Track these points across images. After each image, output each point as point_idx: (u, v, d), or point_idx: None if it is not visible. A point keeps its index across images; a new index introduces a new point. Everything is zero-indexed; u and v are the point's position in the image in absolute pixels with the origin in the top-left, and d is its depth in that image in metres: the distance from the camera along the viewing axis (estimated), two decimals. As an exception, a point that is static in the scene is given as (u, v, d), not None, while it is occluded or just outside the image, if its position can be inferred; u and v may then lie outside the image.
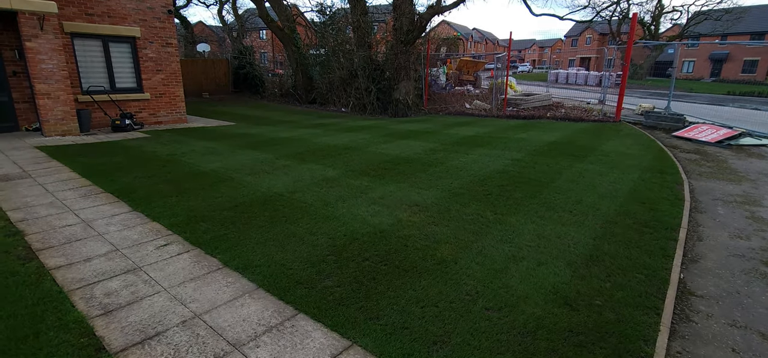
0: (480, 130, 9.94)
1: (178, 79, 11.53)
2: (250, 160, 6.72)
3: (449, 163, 6.53)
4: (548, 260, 3.30)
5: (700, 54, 49.82)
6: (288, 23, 19.15)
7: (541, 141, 8.34)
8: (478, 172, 5.93)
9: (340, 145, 8.03)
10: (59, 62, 8.48)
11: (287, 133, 9.77)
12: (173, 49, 11.27)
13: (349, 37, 17.20)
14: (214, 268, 3.18)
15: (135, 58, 10.64)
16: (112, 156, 6.87)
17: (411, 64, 13.99)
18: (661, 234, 3.83)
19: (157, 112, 11.24)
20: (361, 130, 10.26)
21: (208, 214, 4.26)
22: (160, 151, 7.38)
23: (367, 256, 3.37)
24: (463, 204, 4.60)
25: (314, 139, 8.78)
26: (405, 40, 13.33)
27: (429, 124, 11.51)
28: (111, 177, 5.57)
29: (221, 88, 22.27)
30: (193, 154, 7.15)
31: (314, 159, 6.81)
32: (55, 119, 8.62)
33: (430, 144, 8.18)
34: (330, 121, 12.57)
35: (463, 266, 3.20)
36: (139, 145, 7.98)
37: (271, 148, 7.71)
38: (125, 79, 10.66)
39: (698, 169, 6.33)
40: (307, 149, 7.66)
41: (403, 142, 8.47)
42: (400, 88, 13.91)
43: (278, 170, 6.04)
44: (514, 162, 6.56)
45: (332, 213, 4.31)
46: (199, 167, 6.17)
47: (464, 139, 8.74)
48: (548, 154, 7.10)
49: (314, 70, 19.67)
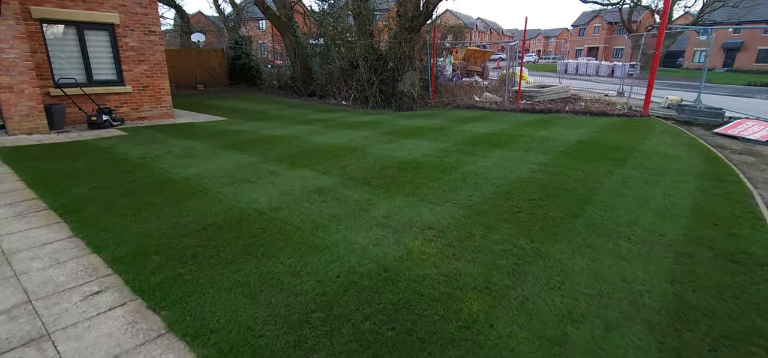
0: (495, 127, 8.96)
1: (164, 71, 10.57)
2: (232, 164, 5.79)
3: (465, 168, 5.57)
4: (619, 320, 2.37)
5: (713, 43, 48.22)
6: (285, 11, 18.11)
7: (567, 140, 7.35)
8: (501, 181, 4.98)
9: (339, 146, 7.09)
10: (23, 51, 7.54)
11: (280, 131, 8.82)
12: (157, 38, 10.30)
13: (350, 25, 16.16)
14: (153, 334, 2.27)
15: (114, 48, 9.69)
16: (73, 160, 5.96)
17: (416, 53, 12.96)
18: (759, 275, 2.89)
19: (141, 107, 10.30)
20: (363, 127, 9.30)
21: (165, 241, 3.34)
22: (131, 152, 6.46)
23: (367, 313, 2.45)
24: (489, 227, 3.66)
25: (310, 138, 7.83)
26: (410, 26, 12.29)
27: (437, 119, 10.53)
28: (62, 188, 4.66)
29: (216, 80, 21.29)
30: (168, 156, 6.22)
31: (307, 163, 5.87)
32: (20, 116, 7.71)
33: (440, 144, 7.22)
34: (329, 116, 11.61)
35: (503, 332, 2.27)
36: (111, 145, 7.06)
37: (259, 150, 6.78)
38: (104, 71, 9.72)
39: (762, 176, 5.34)
40: (300, 151, 6.72)
41: (410, 141, 7.51)
42: (405, 79, 12.90)
43: (263, 178, 5.11)
44: (542, 167, 5.59)
45: (324, 241, 3.39)
46: (171, 174, 5.25)
47: (478, 137, 7.76)
48: (580, 157, 6.12)
49: (313, 61, 18.65)
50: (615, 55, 61.95)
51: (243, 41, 21.92)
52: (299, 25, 19.44)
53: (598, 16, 61.03)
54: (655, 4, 36.05)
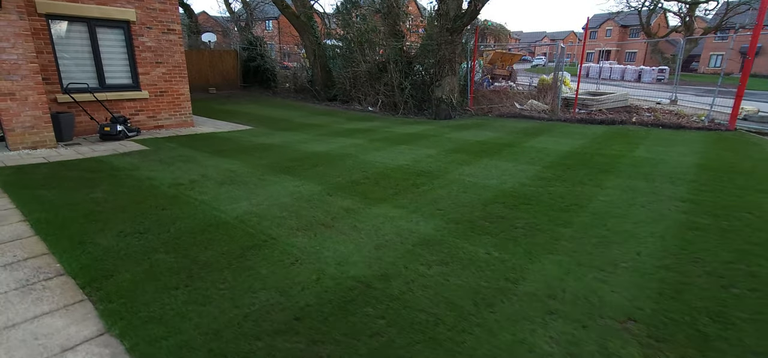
0: (571, 143, 7.76)
1: (183, 74, 9.43)
2: (288, 195, 4.63)
3: (589, 206, 4.36)
4: None
5: (729, 47, 47.27)
6: (304, 10, 16.98)
7: (682, 163, 6.05)
8: (664, 233, 3.82)
9: (407, 169, 5.93)
10: (27, 51, 6.39)
11: (322, 145, 7.66)
12: (177, 37, 9.16)
13: (377, 25, 15.04)
14: None
15: (130, 48, 8.55)
16: (90, 187, 4.80)
17: (457, 56, 11.82)
18: None
19: (158, 115, 9.16)
20: (416, 141, 8.14)
21: (246, 348, 2.18)
22: (159, 177, 5.29)
23: None
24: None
25: (364, 157, 6.66)
26: (452, 27, 11.15)
27: (490, 130, 9.38)
28: (81, 235, 3.50)
29: (229, 83, 20.15)
30: (205, 183, 5.06)
31: (384, 196, 4.71)
32: (23, 127, 6.55)
33: (525, 166, 6.06)
34: (365, 125, 10.45)
35: None
36: (132, 166, 5.90)
37: (312, 173, 5.62)
38: (118, 74, 8.58)
39: None
40: (363, 175, 5.56)
41: (487, 161, 6.35)
42: (444, 84, 11.76)
43: (339, 220, 3.95)
44: (693, 206, 4.43)
45: (487, 345, 2.23)
46: (218, 212, 4.09)
47: (566, 158, 6.57)
48: (729, 191, 4.97)
49: (334, 63, 17.52)
50: (627, 58, 60.97)
51: (257, 42, 20.77)
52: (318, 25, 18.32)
53: (610, 19, 59.92)
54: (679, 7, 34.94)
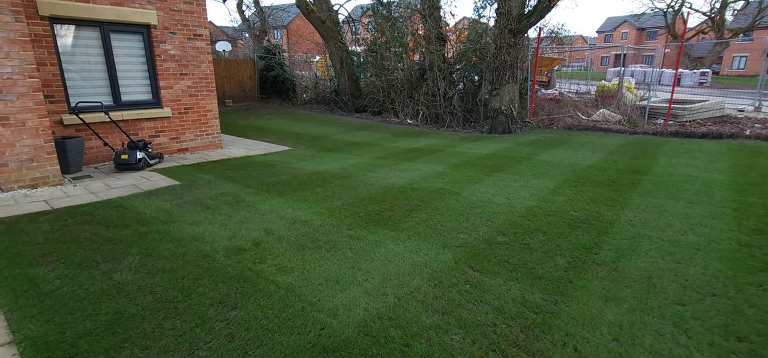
0: (715, 165, 6.22)
1: (211, 86, 7.98)
2: (412, 268, 3.08)
3: None
4: None
5: (754, 48, 45.79)
6: (330, 14, 15.59)
7: None
8: None
9: (547, 211, 4.39)
10: (25, 63, 4.93)
11: (396, 176, 6.06)
12: (204, 44, 7.72)
13: (417, 28, 13.61)
14: None
15: (150, 57, 7.11)
16: (113, 260, 3.26)
17: (519, 61, 10.33)
18: None
19: (181, 136, 7.68)
20: (509, 168, 6.58)
21: None
22: (207, 235, 3.76)
23: None
24: None
25: (470, 195, 5.03)
26: (516, 28, 9.66)
27: (575, 147, 7.81)
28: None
29: (247, 94, 18.74)
30: (275, 246, 3.52)
31: (576, 276, 3.17)
32: (19, 161, 5.05)
33: (702, 207, 4.52)
34: (421, 142, 8.93)
35: None
36: (164, 214, 4.38)
37: (419, 225, 4.06)
38: (136, 89, 7.12)
39: None
40: (499, 230, 4.02)
41: (640, 202, 4.80)
42: (503, 93, 10.24)
43: (535, 328, 2.40)
44: None
45: None
46: (321, 314, 2.54)
47: (740, 191, 5.04)
48: None
49: (360, 71, 16.10)
50: (644, 61, 59.43)
51: (275, 50, 19.39)
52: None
53: (626, 22, 58.41)
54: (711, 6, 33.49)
